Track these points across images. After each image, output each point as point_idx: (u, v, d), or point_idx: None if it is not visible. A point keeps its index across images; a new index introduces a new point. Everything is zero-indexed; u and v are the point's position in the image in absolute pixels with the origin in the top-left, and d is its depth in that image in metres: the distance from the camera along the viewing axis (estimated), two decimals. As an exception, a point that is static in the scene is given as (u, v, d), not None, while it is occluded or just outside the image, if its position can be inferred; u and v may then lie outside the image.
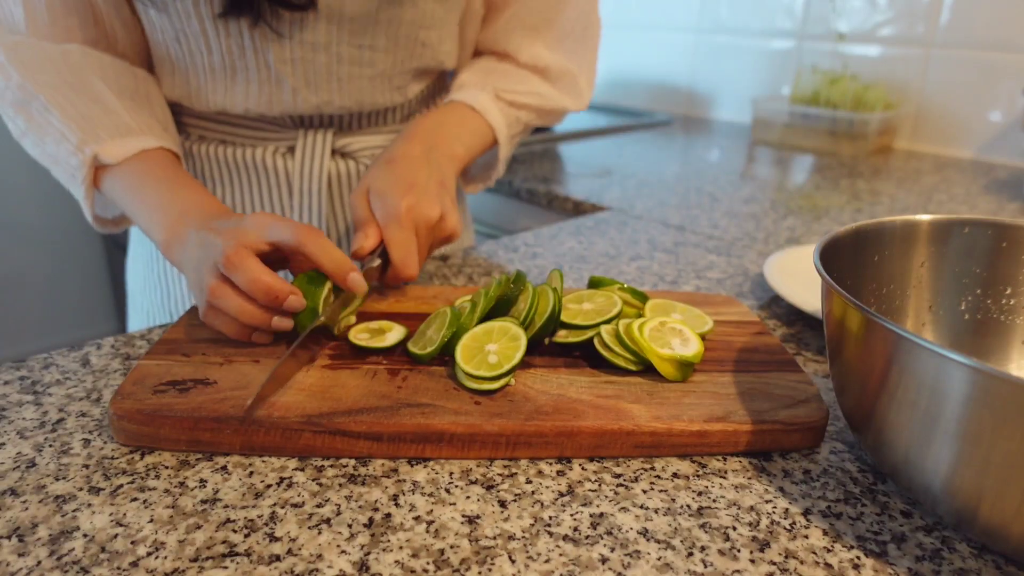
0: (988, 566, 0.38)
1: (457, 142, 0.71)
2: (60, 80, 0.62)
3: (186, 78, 0.70)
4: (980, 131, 1.47)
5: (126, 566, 0.36)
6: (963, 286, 0.53)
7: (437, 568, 0.37)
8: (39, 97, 0.62)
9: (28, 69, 0.62)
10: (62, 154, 0.62)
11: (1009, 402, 0.33)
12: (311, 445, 0.44)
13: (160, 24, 0.66)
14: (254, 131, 0.75)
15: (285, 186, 0.76)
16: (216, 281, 0.51)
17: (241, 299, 0.51)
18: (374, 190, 0.62)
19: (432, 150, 0.68)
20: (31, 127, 0.63)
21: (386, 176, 0.63)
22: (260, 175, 0.76)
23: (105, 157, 0.61)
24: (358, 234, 0.61)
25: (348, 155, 0.78)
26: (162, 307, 0.81)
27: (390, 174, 0.63)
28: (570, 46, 0.81)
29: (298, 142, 0.75)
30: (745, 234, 0.94)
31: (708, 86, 1.89)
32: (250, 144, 0.76)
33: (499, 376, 0.48)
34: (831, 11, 1.61)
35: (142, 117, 0.65)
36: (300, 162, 0.75)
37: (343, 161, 0.78)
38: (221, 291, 0.51)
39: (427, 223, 0.62)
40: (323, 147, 0.75)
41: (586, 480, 0.44)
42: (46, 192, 2.11)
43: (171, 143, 0.66)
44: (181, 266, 0.56)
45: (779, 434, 0.46)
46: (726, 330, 0.59)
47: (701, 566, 0.37)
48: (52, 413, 0.49)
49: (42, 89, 0.62)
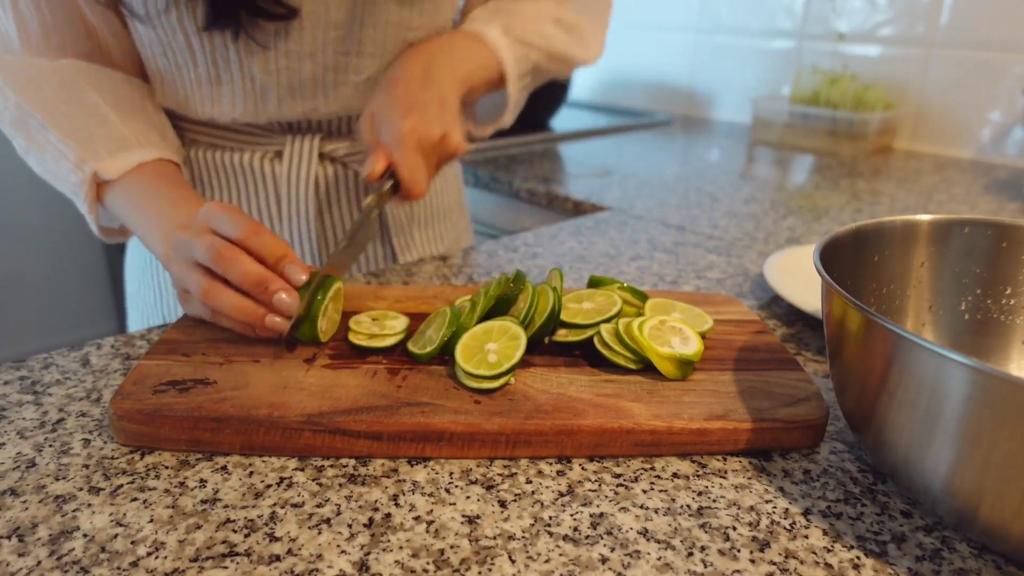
0: (988, 566, 0.38)
1: (460, 64, 0.71)
2: (55, 97, 0.63)
3: (175, 89, 0.71)
4: (980, 131, 1.47)
5: (126, 566, 0.36)
6: (963, 286, 0.53)
7: (437, 568, 0.37)
8: (36, 116, 0.62)
9: (23, 88, 0.62)
10: (62, 171, 0.62)
11: (1009, 402, 0.33)
12: (311, 445, 0.44)
13: (147, 38, 0.67)
14: (243, 136, 0.76)
15: (273, 191, 0.77)
16: (207, 282, 0.51)
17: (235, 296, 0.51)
18: (377, 115, 0.64)
19: (432, 70, 0.68)
20: (31, 145, 0.63)
21: (387, 100, 0.65)
22: (249, 179, 0.76)
23: (104, 173, 0.61)
24: (368, 160, 0.63)
25: (336, 160, 0.78)
26: (155, 308, 0.81)
27: (390, 98, 0.65)
28: (581, 5, 0.82)
29: (286, 147, 0.75)
30: (745, 234, 0.94)
31: (708, 86, 1.89)
32: (239, 149, 0.76)
33: (499, 375, 0.48)
34: (831, 11, 1.61)
35: (139, 127, 0.66)
36: (288, 167, 0.75)
37: (331, 165, 0.78)
38: (215, 291, 0.51)
39: (430, 142, 0.64)
40: (310, 152, 0.75)
41: (586, 480, 0.44)
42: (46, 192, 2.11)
43: (170, 151, 0.67)
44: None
45: (779, 432, 0.46)
46: (726, 329, 0.59)
47: (701, 566, 0.37)
48: (52, 413, 0.49)
49: (38, 107, 0.62)
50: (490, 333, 0.51)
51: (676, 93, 1.95)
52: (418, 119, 0.63)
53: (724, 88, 1.86)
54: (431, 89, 0.66)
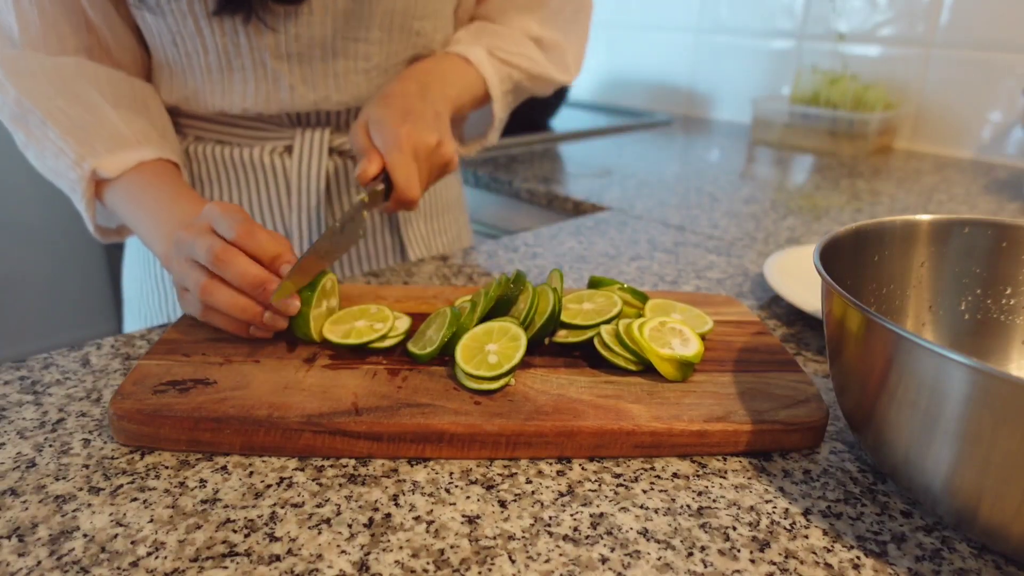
0: (988, 566, 0.38)
1: (450, 86, 0.73)
2: (56, 93, 0.63)
3: (184, 81, 0.71)
4: (980, 131, 1.47)
5: (126, 566, 0.36)
6: (963, 286, 0.53)
7: (437, 568, 0.37)
8: (35, 111, 0.62)
9: (24, 83, 0.62)
10: (61, 168, 0.62)
11: (1009, 402, 0.33)
12: (311, 445, 0.44)
13: (156, 27, 0.67)
14: (251, 130, 0.76)
15: (283, 185, 0.76)
16: (205, 279, 0.51)
17: (233, 294, 0.51)
18: (373, 120, 0.64)
19: (427, 87, 0.69)
20: (31, 140, 0.63)
21: (384, 108, 0.65)
22: (258, 175, 0.76)
23: (103, 172, 0.61)
24: (361, 161, 0.63)
25: (345, 154, 0.78)
26: (160, 311, 0.81)
27: (387, 106, 0.65)
28: (561, 24, 0.84)
29: (295, 141, 0.75)
30: (745, 234, 0.94)
31: (708, 86, 1.89)
32: (247, 144, 0.76)
33: (499, 376, 0.48)
34: (831, 11, 1.61)
35: (139, 127, 0.66)
36: (298, 161, 0.75)
37: (340, 160, 0.78)
38: (212, 288, 0.51)
39: (426, 148, 0.64)
40: (320, 146, 0.75)
41: (586, 480, 0.44)
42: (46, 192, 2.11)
43: (170, 152, 0.67)
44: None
45: (779, 434, 0.46)
46: (726, 330, 0.59)
47: (701, 566, 0.37)
48: (52, 413, 0.49)
49: (38, 103, 0.62)
50: (490, 334, 0.51)
51: (676, 93, 1.95)
52: (414, 125, 0.64)
53: (724, 88, 1.86)
54: (426, 101, 0.67)
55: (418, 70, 0.72)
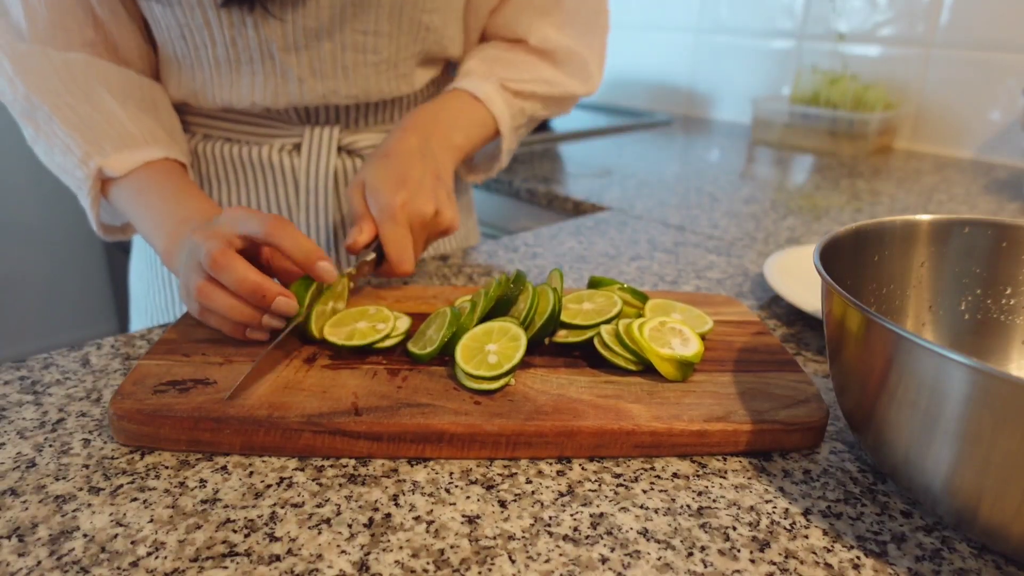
0: (988, 566, 0.38)
1: (456, 132, 0.71)
2: (65, 89, 0.63)
3: (192, 75, 0.70)
4: (980, 131, 1.47)
5: (126, 566, 0.36)
6: (963, 286, 0.53)
7: (437, 568, 0.37)
8: (43, 108, 0.62)
9: (33, 79, 0.62)
10: (68, 165, 0.63)
11: (1009, 402, 0.33)
12: (311, 445, 0.44)
13: (164, 20, 0.67)
14: (260, 128, 0.75)
15: (292, 184, 0.76)
16: (203, 282, 0.51)
17: (230, 298, 0.51)
18: (369, 185, 0.62)
19: (428, 141, 0.67)
20: (40, 136, 0.64)
21: (381, 171, 0.63)
22: (266, 173, 0.76)
23: (110, 170, 0.61)
24: (352, 229, 0.61)
25: (354, 152, 0.78)
26: (166, 310, 0.81)
27: (384, 169, 0.63)
28: (579, 28, 0.81)
29: (304, 139, 0.75)
30: (745, 234, 0.94)
31: (708, 86, 1.89)
32: (256, 142, 0.76)
33: (499, 376, 0.48)
34: (831, 11, 1.61)
35: (147, 126, 0.66)
36: (306, 159, 0.75)
37: (349, 158, 0.78)
38: (209, 291, 0.51)
39: (421, 219, 0.63)
40: (329, 144, 0.75)
41: (586, 480, 0.44)
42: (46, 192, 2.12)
43: (177, 152, 0.67)
44: (178, 273, 0.56)
45: (779, 434, 0.46)
46: (726, 330, 0.59)
47: (701, 566, 0.37)
48: (52, 413, 0.49)
49: (47, 99, 0.62)
50: (490, 334, 0.51)
51: (676, 93, 1.95)
52: (410, 194, 0.62)
53: (724, 88, 1.86)
54: (426, 162, 0.65)
55: (422, 118, 0.70)
